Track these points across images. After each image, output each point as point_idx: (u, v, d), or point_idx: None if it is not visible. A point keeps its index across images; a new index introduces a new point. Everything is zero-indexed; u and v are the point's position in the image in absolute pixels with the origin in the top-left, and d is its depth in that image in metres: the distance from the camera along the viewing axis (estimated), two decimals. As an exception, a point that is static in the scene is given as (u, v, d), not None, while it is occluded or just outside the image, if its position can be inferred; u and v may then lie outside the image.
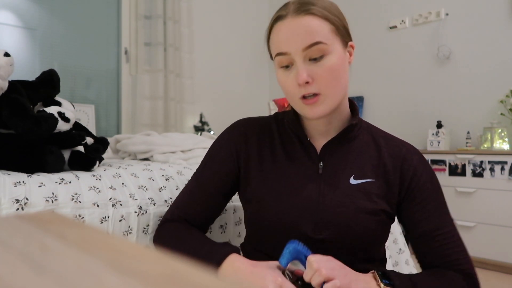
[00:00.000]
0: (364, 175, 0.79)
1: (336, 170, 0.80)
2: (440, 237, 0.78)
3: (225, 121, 3.88)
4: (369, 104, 3.46)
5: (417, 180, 0.80)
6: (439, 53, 3.00)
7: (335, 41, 0.75)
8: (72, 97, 2.83)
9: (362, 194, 0.78)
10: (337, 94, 0.76)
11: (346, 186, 0.78)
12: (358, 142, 0.83)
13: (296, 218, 0.77)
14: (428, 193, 0.80)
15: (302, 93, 0.74)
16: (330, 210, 0.77)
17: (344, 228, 0.76)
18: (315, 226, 0.77)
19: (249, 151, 0.85)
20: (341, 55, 0.77)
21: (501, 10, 2.74)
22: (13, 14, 2.65)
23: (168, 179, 1.05)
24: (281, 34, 0.75)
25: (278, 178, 0.81)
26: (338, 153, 0.81)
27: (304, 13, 0.73)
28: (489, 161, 2.46)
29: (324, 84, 0.73)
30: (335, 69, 0.74)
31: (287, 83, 0.76)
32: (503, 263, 2.40)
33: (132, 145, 1.47)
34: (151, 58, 3.06)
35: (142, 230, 0.93)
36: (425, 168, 0.81)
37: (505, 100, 2.65)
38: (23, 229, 0.34)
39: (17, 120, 0.88)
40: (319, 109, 0.75)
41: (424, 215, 0.79)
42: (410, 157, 0.81)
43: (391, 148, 0.82)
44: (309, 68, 0.73)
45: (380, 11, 3.39)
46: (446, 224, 0.79)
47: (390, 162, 0.81)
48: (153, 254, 0.27)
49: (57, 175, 0.91)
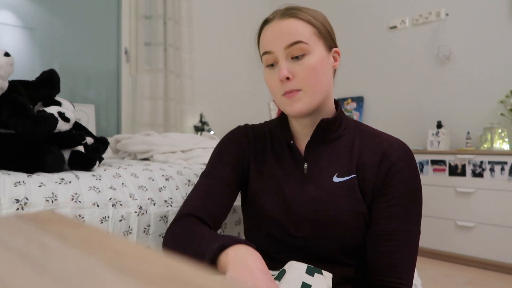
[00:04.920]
0: (348, 172, 0.80)
1: (320, 169, 0.82)
2: (392, 242, 0.76)
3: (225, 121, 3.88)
4: (369, 104, 3.46)
5: (391, 177, 0.78)
6: (439, 53, 3.00)
7: (317, 43, 0.79)
8: (72, 97, 2.83)
9: (344, 191, 0.79)
10: (316, 93, 0.79)
11: (329, 184, 0.80)
12: (342, 141, 0.84)
13: (280, 216, 0.82)
14: (398, 194, 0.77)
15: (284, 90, 0.79)
16: (311, 208, 0.79)
17: (325, 226, 0.78)
18: (297, 224, 0.80)
19: (250, 153, 0.90)
20: (322, 57, 0.80)
21: (501, 10, 2.74)
22: (13, 14, 2.65)
23: (168, 179, 1.05)
24: (267, 35, 0.81)
25: (268, 179, 0.86)
26: (322, 153, 0.84)
27: (289, 16, 0.79)
28: (489, 161, 2.46)
29: (303, 80, 0.78)
30: (315, 68, 0.78)
31: (272, 81, 0.81)
32: (503, 263, 2.40)
33: (132, 145, 1.47)
34: (151, 58, 3.06)
35: (143, 230, 0.93)
36: (406, 168, 0.78)
37: (505, 101, 2.65)
38: (23, 229, 0.34)
39: (17, 120, 0.88)
40: (298, 105, 0.79)
41: (385, 214, 0.77)
42: (390, 153, 0.79)
43: (374, 144, 0.81)
44: (291, 66, 0.78)
45: (380, 11, 3.39)
46: (404, 232, 0.77)
47: (370, 158, 0.80)
48: (153, 254, 0.27)
49: (57, 175, 0.91)
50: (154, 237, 0.94)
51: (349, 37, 3.57)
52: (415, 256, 0.78)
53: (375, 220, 0.78)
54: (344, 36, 3.55)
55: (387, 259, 0.76)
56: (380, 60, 3.38)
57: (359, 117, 3.48)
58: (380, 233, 0.77)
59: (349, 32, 3.57)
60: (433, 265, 2.58)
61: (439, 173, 2.66)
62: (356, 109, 3.51)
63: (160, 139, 1.48)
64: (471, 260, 2.53)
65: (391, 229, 0.76)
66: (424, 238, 2.73)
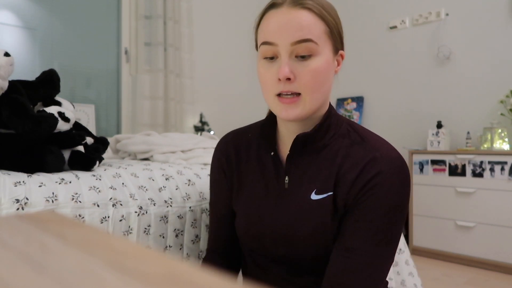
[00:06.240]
0: (327, 189, 0.72)
1: (301, 184, 0.75)
2: (350, 260, 0.68)
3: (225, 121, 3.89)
4: (369, 104, 3.46)
5: (364, 193, 0.68)
6: (439, 53, 3.00)
7: (326, 44, 0.71)
8: (72, 97, 2.83)
9: (322, 210, 0.72)
10: (316, 99, 0.71)
11: (306, 202, 0.73)
12: (327, 152, 0.74)
13: (259, 234, 0.78)
14: (368, 210, 0.68)
15: (280, 90, 0.70)
16: (287, 228, 0.74)
17: (302, 246, 0.73)
18: (275, 243, 0.76)
19: (232, 168, 0.85)
20: (329, 60, 0.72)
21: (501, 10, 2.74)
22: (13, 14, 2.65)
23: (168, 179, 1.05)
24: (272, 23, 0.70)
25: (250, 192, 0.81)
26: (305, 165, 0.76)
27: (300, 6, 0.69)
28: (489, 161, 2.46)
29: (305, 84, 0.69)
30: (320, 72, 0.70)
31: (267, 76, 0.72)
32: (503, 263, 2.40)
33: (132, 145, 1.47)
34: (151, 58, 3.06)
35: (143, 231, 0.92)
36: (386, 184, 0.68)
37: (505, 100, 2.65)
38: (23, 229, 0.34)
39: (17, 120, 0.88)
40: (294, 112, 0.70)
41: (351, 229, 0.69)
42: (371, 167, 0.69)
43: (358, 156, 0.72)
44: (294, 65, 0.69)
45: (380, 11, 3.39)
46: (367, 253, 0.67)
47: (349, 172, 0.71)
48: (153, 254, 0.27)
49: (57, 175, 0.91)
50: (154, 237, 0.94)
51: (349, 37, 3.56)
52: (376, 285, 0.69)
53: (340, 233, 0.71)
54: (344, 36, 3.54)
55: (339, 277, 0.68)
56: (380, 60, 3.38)
57: (359, 117, 3.48)
58: (340, 247, 0.70)
59: (349, 32, 3.56)
60: (433, 265, 2.58)
61: (439, 173, 2.66)
62: (356, 109, 3.51)
63: (160, 139, 1.48)
64: (471, 260, 2.53)
65: (353, 246, 0.68)
66: (424, 238, 2.73)
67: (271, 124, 0.81)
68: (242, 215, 0.82)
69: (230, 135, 0.88)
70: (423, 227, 2.74)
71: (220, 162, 0.86)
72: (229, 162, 0.85)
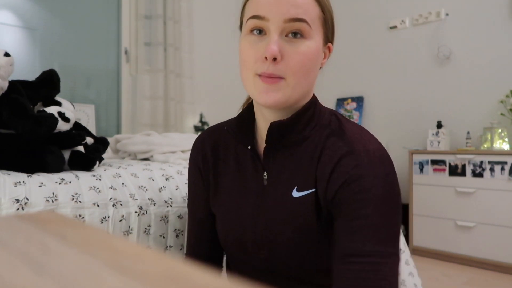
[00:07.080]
0: (309, 185, 0.67)
1: (280, 181, 0.69)
2: (357, 266, 0.59)
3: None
4: (369, 104, 3.46)
5: (347, 190, 0.62)
6: (439, 53, 3.00)
7: (318, 31, 0.66)
8: (72, 97, 2.83)
9: (304, 208, 0.66)
10: (300, 86, 0.65)
11: (287, 200, 0.68)
12: (308, 144, 0.69)
13: (240, 236, 0.73)
14: (358, 205, 0.61)
15: (262, 70, 0.63)
16: (269, 229, 0.69)
17: (284, 248, 0.68)
18: (257, 245, 0.71)
19: (208, 167, 0.79)
20: (319, 48, 0.67)
21: (501, 10, 2.74)
22: (13, 14, 2.65)
23: (168, 179, 1.05)
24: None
25: (228, 192, 0.76)
26: (284, 159, 0.70)
27: None
28: (489, 161, 2.46)
29: (291, 67, 0.63)
30: (309, 57, 0.64)
31: (250, 53, 0.65)
32: (503, 263, 2.40)
33: (132, 145, 1.47)
34: (151, 58, 3.06)
35: (143, 231, 0.93)
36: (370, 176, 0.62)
37: (505, 100, 2.65)
38: (23, 229, 0.34)
39: (17, 120, 0.88)
40: (275, 96, 0.64)
41: (346, 231, 0.61)
42: (347, 162, 0.63)
43: (334, 147, 0.66)
44: (282, 45, 0.63)
45: (380, 11, 3.38)
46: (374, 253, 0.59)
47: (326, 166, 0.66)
48: (153, 254, 0.27)
49: (57, 175, 0.91)
50: (154, 237, 0.94)
51: (349, 37, 3.57)
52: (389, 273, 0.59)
53: (336, 240, 0.63)
54: (344, 36, 3.54)
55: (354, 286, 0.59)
56: (380, 60, 3.38)
57: (359, 117, 3.48)
58: (340, 256, 0.61)
59: (349, 32, 3.57)
60: (433, 265, 2.58)
61: (439, 173, 2.66)
62: (356, 109, 3.51)
63: (160, 139, 1.48)
64: (471, 260, 2.53)
65: (354, 249, 0.60)
66: (424, 238, 2.73)
67: (249, 115, 0.75)
68: (221, 219, 0.76)
69: (206, 132, 0.82)
70: (423, 227, 2.74)
71: (195, 161, 0.81)
72: (205, 161, 0.79)
